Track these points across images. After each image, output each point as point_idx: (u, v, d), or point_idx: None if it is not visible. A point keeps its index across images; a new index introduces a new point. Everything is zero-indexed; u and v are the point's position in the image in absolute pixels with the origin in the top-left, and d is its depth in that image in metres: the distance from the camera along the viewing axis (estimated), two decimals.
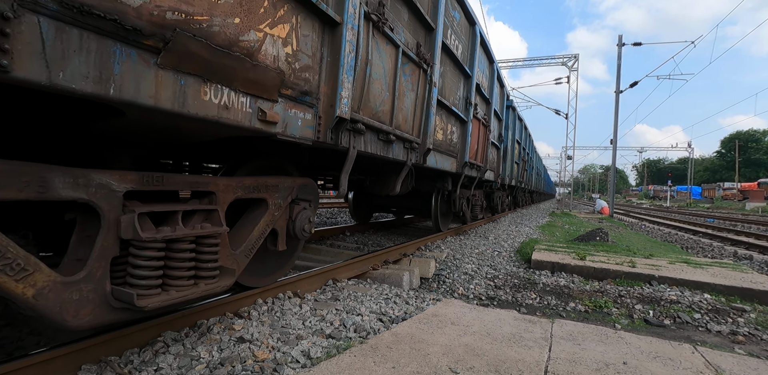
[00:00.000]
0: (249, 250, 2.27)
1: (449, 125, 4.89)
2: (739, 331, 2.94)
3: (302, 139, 2.22)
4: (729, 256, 7.81)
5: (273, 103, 1.97)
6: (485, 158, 6.70)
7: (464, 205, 6.63)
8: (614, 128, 17.02)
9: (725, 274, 4.28)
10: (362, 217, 7.62)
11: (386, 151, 3.23)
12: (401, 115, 3.42)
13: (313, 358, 1.94)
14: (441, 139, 4.60)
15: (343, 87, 2.42)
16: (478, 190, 7.66)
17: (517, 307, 3.42)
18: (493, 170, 7.99)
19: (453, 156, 5.18)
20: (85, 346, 1.71)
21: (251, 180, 2.24)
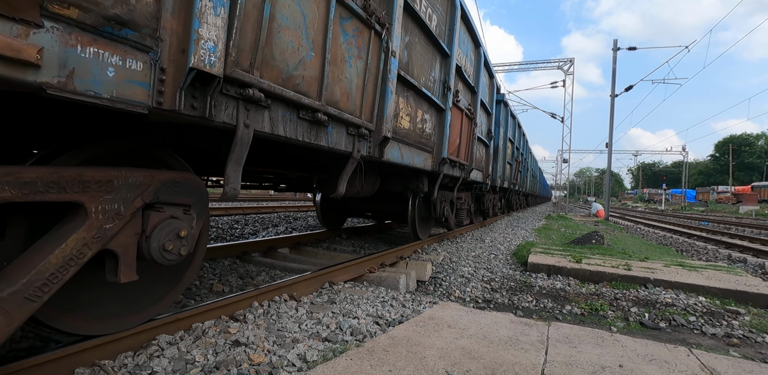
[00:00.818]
0: (39, 288, 1.42)
1: (419, 112, 4.00)
2: (733, 333, 2.95)
3: (118, 101, 1.36)
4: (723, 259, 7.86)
5: (26, 26, 1.12)
6: (470, 156, 5.90)
7: (447, 210, 5.82)
8: (610, 132, 17.14)
9: (720, 277, 4.30)
10: (332, 222, 6.62)
11: (314, 136, 2.36)
12: (339, 89, 2.56)
13: (309, 362, 1.93)
14: (408, 128, 3.77)
15: (205, 21, 1.54)
16: (464, 193, 6.88)
17: (514, 310, 3.42)
18: (482, 170, 7.29)
19: (427, 150, 4.33)
20: (79, 349, 1.70)
21: (42, 171, 1.41)
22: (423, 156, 4.20)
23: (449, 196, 5.96)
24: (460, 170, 5.64)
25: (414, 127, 3.92)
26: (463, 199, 6.72)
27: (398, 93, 3.43)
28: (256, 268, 3.99)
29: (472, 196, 8.12)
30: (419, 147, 4.08)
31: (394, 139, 3.41)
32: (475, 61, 6.20)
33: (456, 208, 6.38)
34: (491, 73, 7.62)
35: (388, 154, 3.30)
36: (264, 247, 4.77)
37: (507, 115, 10.00)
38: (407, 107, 3.72)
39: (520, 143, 13.32)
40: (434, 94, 4.31)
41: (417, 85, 3.76)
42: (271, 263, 4.13)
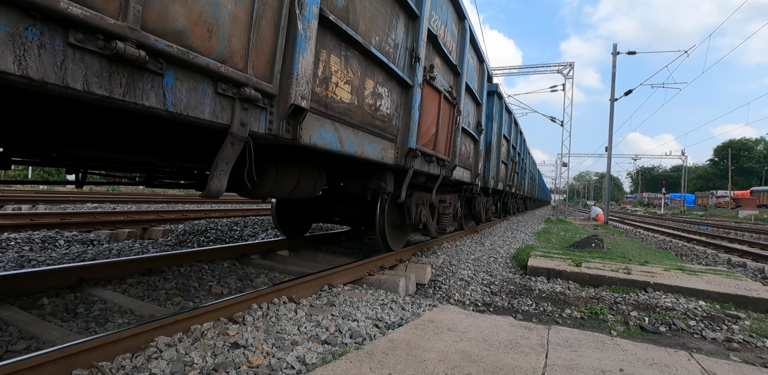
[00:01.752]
0: None
1: (370, 82, 2.94)
2: (734, 338, 2.94)
3: None
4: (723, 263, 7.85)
5: None
6: (452, 150, 4.94)
7: (425, 215, 4.78)
8: (609, 136, 17.17)
9: (720, 282, 4.29)
10: (293, 228, 5.54)
11: (123, 89, 1.38)
12: (184, 11, 1.55)
13: (308, 364, 1.92)
14: (350, 103, 2.72)
15: None
16: (449, 195, 6.02)
17: (514, 313, 3.41)
18: (469, 169, 6.32)
19: (386, 137, 3.31)
20: (76, 351, 1.69)
21: None
22: (380, 145, 3.20)
23: (426, 198, 4.97)
24: (439, 167, 4.72)
25: (361, 103, 2.85)
26: (448, 202, 5.80)
27: (325, 45, 2.40)
28: (255, 271, 3.98)
29: (461, 198, 7.30)
30: (373, 131, 3.07)
31: (321, 114, 2.39)
32: (459, 36, 5.18)
33: (438, 212, 5.48)
34: (480, 56, 6.46)
35: (311, 136, 2.31)
36: (263, 249, 4.76)
37: (501, 109, 8.90)
38: (346, 72, 2.65)
39: (517, 142, 12.28)
40: (395, 62, 3.33)
41: (362, 42, 2.70)
42: (270, 265, 4.12)
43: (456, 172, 5.38)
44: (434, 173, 4.55)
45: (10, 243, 4.71)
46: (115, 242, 5.53)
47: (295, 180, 3.06)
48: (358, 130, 2.89)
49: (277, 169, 2.87)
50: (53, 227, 5.80)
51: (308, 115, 2.28)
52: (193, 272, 3.70)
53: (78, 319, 2.47)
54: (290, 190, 3.08)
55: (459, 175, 5.66)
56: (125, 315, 2.57)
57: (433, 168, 4.46)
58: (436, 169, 4.57)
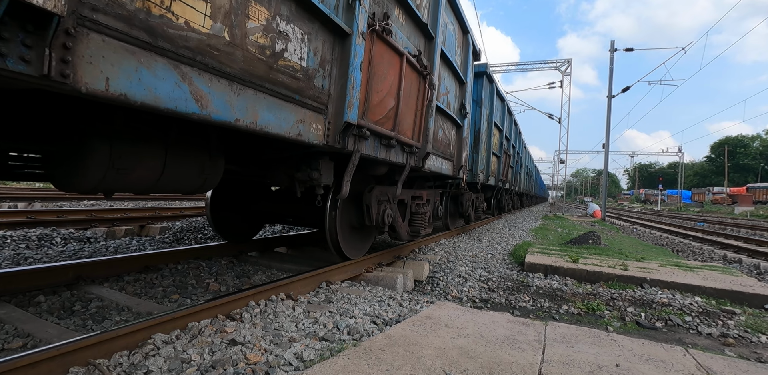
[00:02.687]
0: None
1: (256, 7, 1.85)
2: (729, 333, 2.96)
3: None
4: (719, 259, 7.90)
5: None
6: (423, 133, 3.92)
7: (388, 215, 3.88)
8: (606, 133, 17.20)
9: (715, 278, 4.32)
10: (235, 230, 4.54)
11: None
12: None
13: (306, 361, 1.92)
14: (201, 30, 1.58)
15: None
16: (426, 191, 5.06)
17: (511, 309, 3.42)
18: (450, 159, 5.21)
19: (305, 104, 2.28)
20: (73, 348, 1.68)
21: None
22: (293, 114, 2.17)
23: (390, 192, 3.96)
24: (405, 154, 3.68)
25: (242, 40, 1.80)
26: (424, 199, 4.84)
27: None
28: (252, 268, 3.98)
29: (446, 195, 6.60)
30: (276, 92, 2.03)
31: (130, 40, 1.33)
32: None
33: (410, 211, 4.54)
34: (464, 25, 5.35)
35: (109, 78, 1.27)
36: (261, 246, 4.76)
37: (492, 94, 7.86)
38: None
39: (512, 134, 11.15)
40: None
41: None
42: (267, 263, 4.12)
43: (430, 161, 4.27)
44: (398, 162, 3.54)
45: (6, 241, 4.69)
46: (112, 240, 5.52)
47: (156, 165, 2.11)
48: (244, 86, 1.83)
49: (112, 145, 1.90)
50: (50, 225, 5.77)
51: (90, 37, 1.21)
52: (191, 269, 3.69)
53: (75, 317, 2.46)
54: (150, 180, 2.13)
55: (435, 166, 4.55)
56: (122, 312, 2.57)
57: (395, 155, 3.46)
58: (399, 156, 3.54)
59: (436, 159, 4.59)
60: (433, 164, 4.45)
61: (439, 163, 4.71)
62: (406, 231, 4.46)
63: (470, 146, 6.83)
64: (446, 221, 7.28)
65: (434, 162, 4.51)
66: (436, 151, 4.55)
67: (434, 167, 4.53)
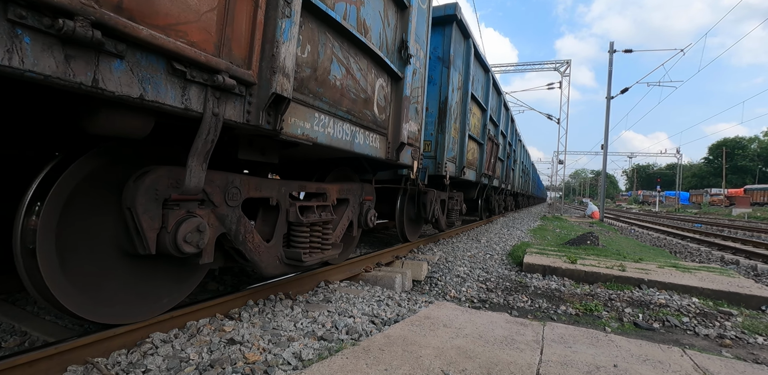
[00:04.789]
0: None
1: None
2: (726, 334, 2.97)
3: None
4: (716, 260, 7.93)
5: None
6: (261, 53, 1.94)
7: (276, 235, 2.60)
8: (605, 134, 17.23)
9: (713, 279, 4.33)
10: None
11: None
12: None
13: (304, 360, 1.92)
14: None
15: None
16: (337, 185, 3.27)
17: (509, 309, 3.43)
18: (377, 130, 3.27)
19: None
20: (71, 347, 1.68)
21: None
22: None
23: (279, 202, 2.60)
24: (188, 87, 1.64)
25: None
26: (329, 199, 3.12)
27: None
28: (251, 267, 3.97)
29: (402, 193, 4.97)
30: None
31: None
32: None
33: (239, 233, 2.29)
34: None
35: None
36: None
37: (469, 55, 5.93)
38: None
39: (501, 118, 9.20)
40: None
41: None
42: None
43: (300, 121, 2.31)
44: (165, 104, 1.60)
45: None
46: None
47: None
48: None
49: None
50: None
51: None
52: None
53: None
54: None
55: (319, 133, 2.49)
56: None
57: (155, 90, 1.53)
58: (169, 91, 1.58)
59: (324, 120, 2.51)
60: (308, 128, 2.35)
61: (335, 132, 2.65)
62: (264, 266, 2.62)
63: (432, 122, 5.12)
64: (402, 229, 5.11)
65: (313, 125, 2.40)
66: (319, 101, 2.46)
67: (318, 136, 2.45)
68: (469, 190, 8.02)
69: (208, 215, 2.04)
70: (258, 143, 2.40)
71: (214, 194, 2.07)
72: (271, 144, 2.49)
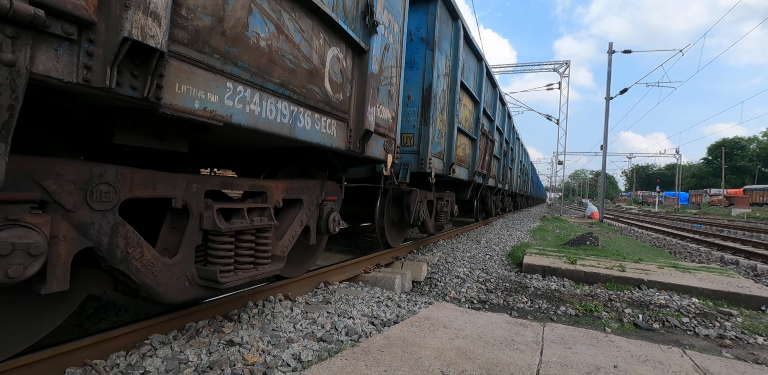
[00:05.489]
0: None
1: None
2: (726, 335, 2.97)
3: None
4: (716, 261, 7.93)
5: None
6: None
7: None
8: (604, 134, 17.25)
9: (712, 279, 4.33)
10: None
11: None
12: None
13: (303, 362, 1.92)
14: None
15: None
16: (280, 184, 2.61)
17: (509, 310, 3.42)
18: (334, 114, 2.58)
19: None
20: (69, 349, 1.67)
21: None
22: None
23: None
24: None
25: None
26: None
27: None
28: None
29: (381, 195, 4.42)
30: None
31: None
32: None
33: (116, 247, 1.65)
34: None
35: None
36: None
37: (457, 38, 5.31)
38: None
39: (496, 113, 8.51)
40: None
41: None
42: None
43: (192, 93, 1.61)
44: None
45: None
46: None
47: None
48: None
49: None
50: None
51: None
52: None
53: (71, 317, 2.45)
54: None
55: (233, 110, 1.80)
56: (120, 313, 2.55)
57: None
58: None
59: (244, 92, 1.86)
60: (213, 102, 1.70)
61: (264, 110, 2.00)
62: None
63: (414, 112, 4.50)
64: (383, 234, 4.53)
65: (224, 98, 1.76)
66: (232, 65, 1.79)
67: (234, 114, 1.81)
68: (462, 190, 7.44)
69: (55, 224, 1.40)
70: (151, 124, 1.72)
71: (64, 193, 1.44)
72: (173, 125, 1.80)
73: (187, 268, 1.92)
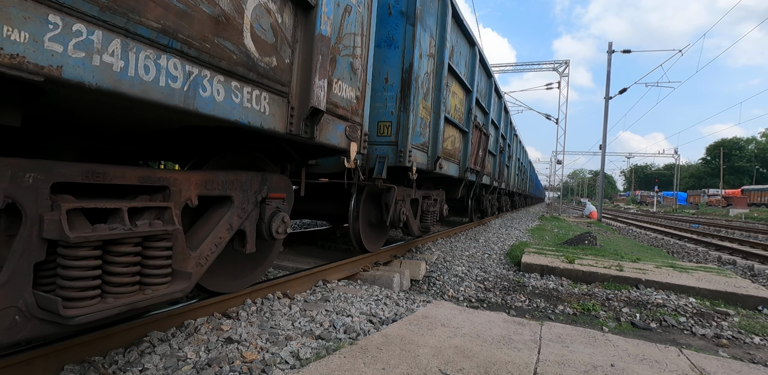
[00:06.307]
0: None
1: None
2: (723, 334, 2.99)
3: None
4: (713, 260, 7.95)
5: None
6: None
7: None
8: (603, 134, 17.27)
9: (710, 279, 4.35)
10: None
11: None
12: None
13: (302, 359, 1.92)
14: None
15: None
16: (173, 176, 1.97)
17: (507, 309, 3.43)
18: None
19: None
20: (68, 345, 1.67)
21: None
22: None
23: None
24: None
25: None
26: None
27: None
28: None
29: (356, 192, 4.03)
30: None
31: None
32: None
33: None
34: None
35: None
36: None
37: (445, 15, 4.63)
38: None
39: (492, 106, 7.95)
40: None
41: None
42: None
43: None
44: None
45: None
46: None
47: None
48: None
49: None
50: None
51: None
52: None
53: None
54: None
55: (23, 49, 1.09)
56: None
57: None
58: None
59: (88, 35, 1.24)
60: (19, 43, 1.08)
61: (131, 66, 1.37)
62: None
63: (392, 96, 3.97)
64: (358, 236, 4.07)
65: (41, 38, 1.13)
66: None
67: (65, 65, 1.18)
68: (453, 187, 6.74)
69: None
70: None
71: None
72: None
73: (18, 295, 1.34)
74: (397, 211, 4.26)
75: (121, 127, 2.06)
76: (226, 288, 2.51)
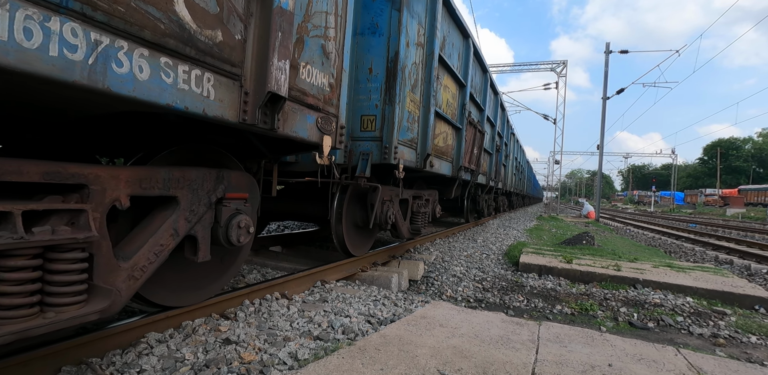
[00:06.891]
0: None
1: None
2: (720, 334, 3.00)
3: None
4: (710, 260, 7.98)
5: None
6: None
7: None
8: (601, 134, 17.31)
9: (707, 278, 4.36)
10: None
11: None
12: None
13: (300, 360, 1.92)
14: None
15: None
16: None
17: (505, 309, 3.44)
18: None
19: None
20: (65, 347, 1.67)
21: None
22: None
23: None
24: None
25: None
26: None
27: None
28: (247, 267, 3.97)
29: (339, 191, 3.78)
30: None
31: None
32: None
33: None
34: None
35: None
36: (256, 245, 4.73)
37: (435, 4, 4.31)
38: None
39: (488, 105, 7.69)
40: None
41: None
42: (262, 261, 4.10)
43: None
44: None
45: None
46: None
47: None
48: None
49: None
50: None
51: None
52: None
53: None
54: None
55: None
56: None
57: None
58: None
59: None
60: None
61: (6, 29, 1.02)
62: None
63: (377, 88, 3.71)
64: (341, 239, 3.85)
65: None
66: None
67: None
68: (446, 187, 6.43)
69: None
70: None
71: None
72: None
73: None
74: (384, 212, 3.98)
75: (18, 109, 1.64)
76: (182, 301, 2.21)
